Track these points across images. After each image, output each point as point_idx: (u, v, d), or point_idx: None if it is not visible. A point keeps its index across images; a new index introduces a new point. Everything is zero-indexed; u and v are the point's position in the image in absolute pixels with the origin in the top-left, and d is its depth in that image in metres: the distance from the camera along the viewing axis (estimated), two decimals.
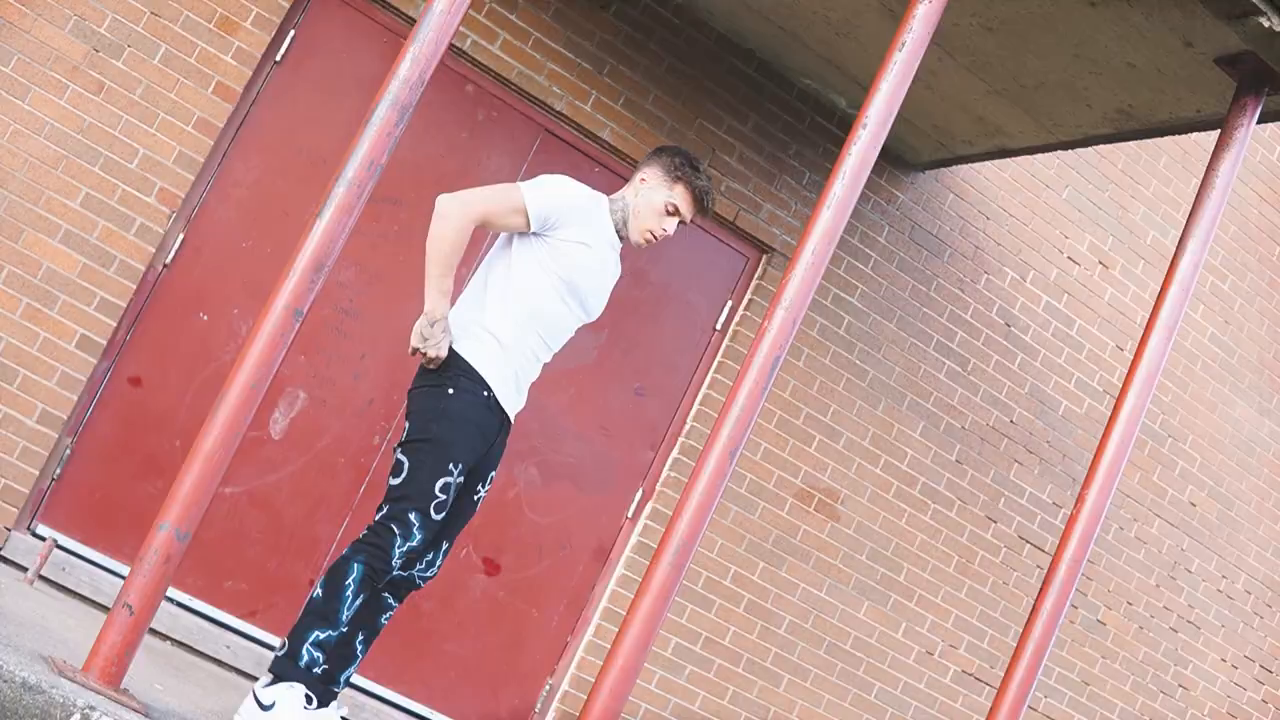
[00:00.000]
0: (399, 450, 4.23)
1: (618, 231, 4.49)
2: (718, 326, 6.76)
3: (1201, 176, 7.70)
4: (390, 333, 6.04)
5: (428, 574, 4.41)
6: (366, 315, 6.05)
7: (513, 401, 4.38)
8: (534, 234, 4.33)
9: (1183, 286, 4.69)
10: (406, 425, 4.27)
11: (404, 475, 4.17)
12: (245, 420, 3.56)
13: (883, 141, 4.22)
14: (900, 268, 7.11)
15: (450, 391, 4.21)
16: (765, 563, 6.82)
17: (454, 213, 4.21)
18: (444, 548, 4.41)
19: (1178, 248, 4.72)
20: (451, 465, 4.17)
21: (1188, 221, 4.73)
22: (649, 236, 4.48)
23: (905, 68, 4.21)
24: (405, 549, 4.12)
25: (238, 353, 3.84)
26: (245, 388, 3.55)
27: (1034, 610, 4.52)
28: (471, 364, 4.24)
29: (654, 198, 4.46)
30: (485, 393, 4.24)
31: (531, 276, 4.32)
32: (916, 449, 7.18)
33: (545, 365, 4.51)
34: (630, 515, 6.61)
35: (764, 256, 6.81)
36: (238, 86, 5.72)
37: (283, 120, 5.92)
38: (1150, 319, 4.70)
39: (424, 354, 4.20)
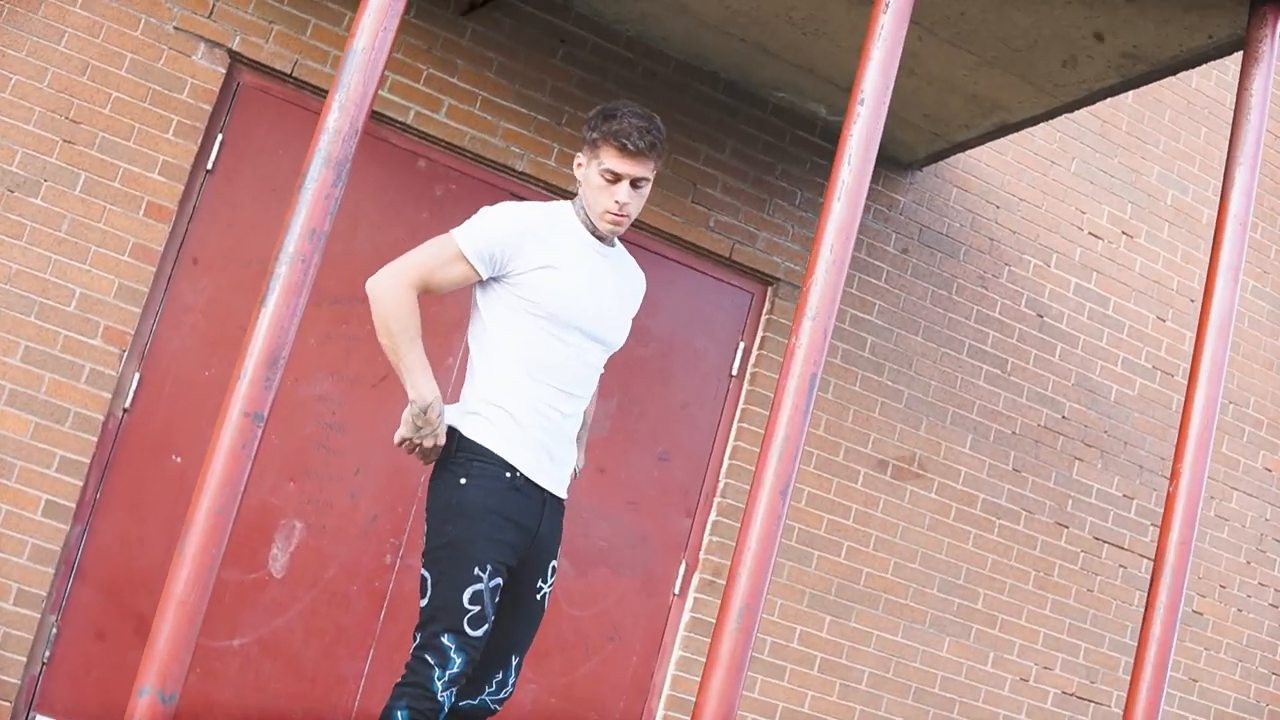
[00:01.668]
0: (421, 564, 3.64)
1: (593, 233, 3.95)
2: (733, 372, 6.27)
3: (1213, 125, 7.37)
4: (382, 440, 5.51)
5: (500, 695, 3.77)
6: (353, 427, 5.55)
7: (550, 474, 3.77)
8: (491, 279, 3.79)
9: (1239, 221, 4.21)
10: (425, 530, 3.70)
11: (428, 593, 3.58)
12: (217, 553, 3.02)
13: (884, 117, 3.72)
14: (916, 275, 6.61)
15: (463, 481, 3.60)
16: (832, 615, 6.27)
17: (385, 288, 3.66)
18: (514, 663, 3.78)
19: (1224, 180, 4.24)
20: (478, 570, 3.55)
21: (1229, 152, 4.25)
22: (609, 218, 3.81)
23: (894, 31, 3.73)
24: (446, 678, 3.50)
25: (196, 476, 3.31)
26: (211, 514, 3.02)
27: (1148, 606, 3.97)
28: (482, 444, 3.63)
29: (589, 175, 3.82)
30: (509, 474, 3.63)
31: (509, 326, 3.74)
32: (969, 464, 6.65)
33: (584, 409, 3.95)
34: (677, 592, 6.07)
35: (769, 289, 6.33)
36: (170, 204, 5.26)
37: (225, 232, 5.44)
38: (1211, 263, 4.22)
39: (421, 446, 3.67)
